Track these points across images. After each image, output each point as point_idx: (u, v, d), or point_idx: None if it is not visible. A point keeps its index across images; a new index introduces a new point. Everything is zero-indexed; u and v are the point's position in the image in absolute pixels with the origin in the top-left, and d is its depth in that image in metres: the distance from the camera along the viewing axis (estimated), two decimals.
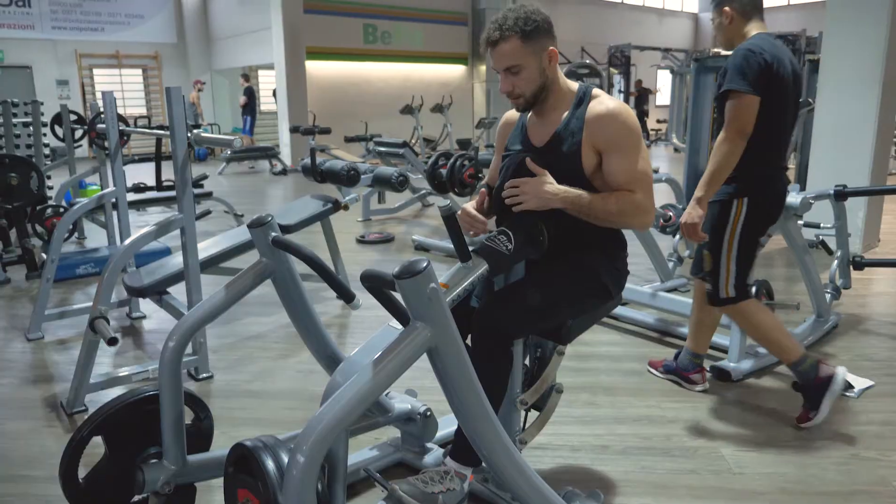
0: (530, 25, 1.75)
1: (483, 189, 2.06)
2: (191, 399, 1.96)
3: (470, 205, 1.96)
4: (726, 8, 2.55)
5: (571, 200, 1.73)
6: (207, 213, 5.94)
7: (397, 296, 1.42)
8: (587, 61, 13.78)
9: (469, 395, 1.41)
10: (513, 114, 2.05)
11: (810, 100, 6.07)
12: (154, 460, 1.81)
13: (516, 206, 1.74)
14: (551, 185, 1.73)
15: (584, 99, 1.84)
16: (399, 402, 2.12)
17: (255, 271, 1.91)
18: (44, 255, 3.74)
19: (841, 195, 3.51)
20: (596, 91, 1.87)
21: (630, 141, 1.78)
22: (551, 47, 1.80)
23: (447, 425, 2.33)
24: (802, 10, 19.64)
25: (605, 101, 1.82)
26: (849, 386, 2.84)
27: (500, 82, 1.83)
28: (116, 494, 1.84)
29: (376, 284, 1.40)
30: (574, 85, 1.89)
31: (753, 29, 2.54)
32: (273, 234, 1.88)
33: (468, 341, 1.91)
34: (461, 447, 1.72)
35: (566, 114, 1.84)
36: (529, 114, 1.95)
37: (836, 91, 5.14)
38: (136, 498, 1.86)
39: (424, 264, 1.30)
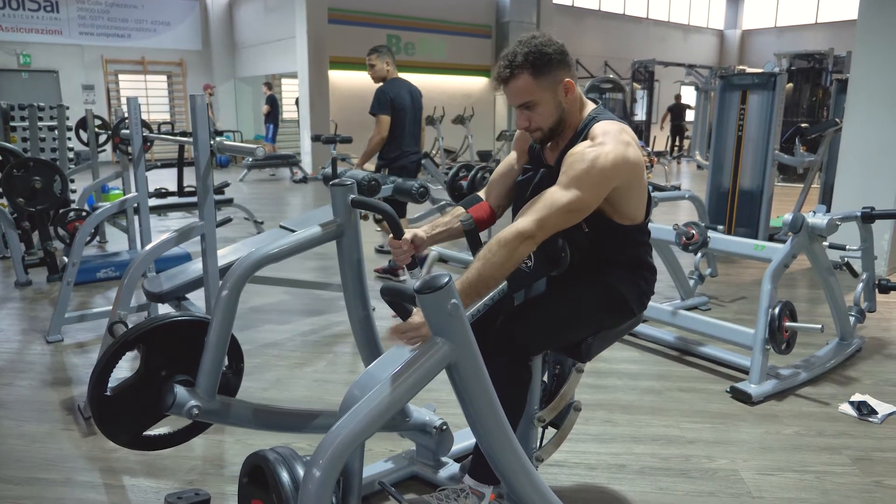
0: (542, 59, 1.66)
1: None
2: (233, 344, 1.93)
3: (412, 232, 1.85)
4: (388, 59, 4.53)
5: (461, 292, 1.50)
6: (228, 220, 5.97)
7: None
8: (610, 76, 13.76)
9: (487, 411, 1.39)
10: None
11: (837, 119, 6.00)
12: (187, 387, 1.81)
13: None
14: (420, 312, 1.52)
15: (585, 129, 1.73)
16: (415, 413, 2.10)
17: (327, 228, 1.90)
18: (65, 258, 3.77)
19: (868, 217, 3.45)
20: (596, 128, 1.70)
21: (574, 173, 1.62)
22: (567, 79, 1.72)
23: (463, 439, 2.31)
24: (830, 29, 19.49)
25: (590, 143, 1.67)
26: (872, 411, 2.79)
27: (516, 118, 1.76)
28: (137, 413, 1.83)
29: (397, 299, 1.39)
30: (590, 107, 1.80)
31: (393, 73, 4.54)
32: (352, 195, 1.88)
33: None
34: (480, 464, 1.70)
35: (570, 138, 1.77)
36: None
37: (863, 111, 5.08)
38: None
39: (446, 280, 1.29)
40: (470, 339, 1.35)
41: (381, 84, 4.50)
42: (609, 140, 1.65)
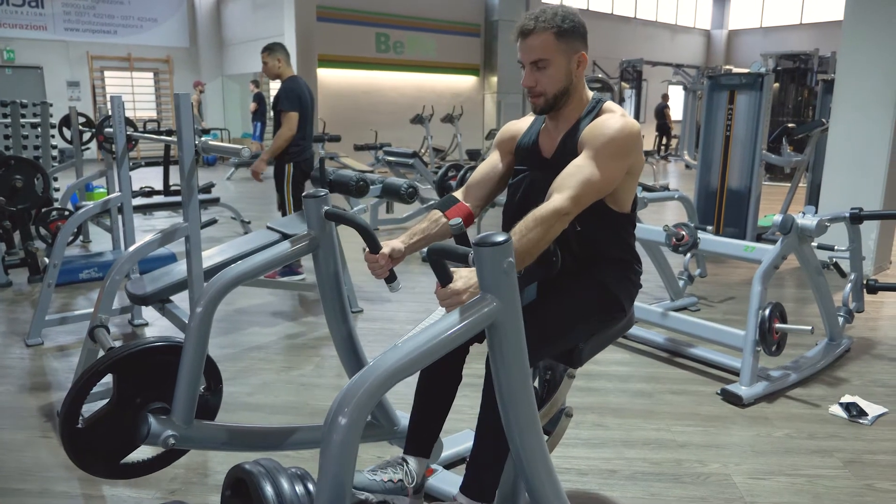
0: (567, 24, 1.70)
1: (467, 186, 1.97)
2: (209, 365, 1.89)
3: (393, 244, 1.81)
4: (280, 56, 4.58)
5: None
6: (213, 221, 5.90)
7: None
8: (599, 75, 13.77)
9: (518, 376, 1.35)
10: (517, 125, 1.98)
11: (823, 120, 6.02)
12: (162, 415, 1.76)
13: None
14: (463, 278, 1.49)
15: (594, 109, 1.78)
16: (404, 420, 2.06)
17: (301, 242, 1.87)
18: (47, 259, 3.70)
19: (856, 218, 3.45)
20: (609, 104, 1.78)
21: (599, 143, 1.65)
22: (583, 52, 1.75)
23: (453, 445, 2.28)
24: (815, 30, 19.62)
25: (611, 114, 1.73)
26: (862, 413, 2.78)
27: (525, 76, 1.75)
28: (113, 444, 1.78)
29: (446, 258, 1.37)
30: (590, 94, 1.83)
31: (289, 72, 4.64)
32: (326, 207, 1.86)
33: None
34: (475, 480, 1.65)
35: (574, 122, 1.78)
36: (543, 125, 1.90)
37: (850, 112, 5.09)
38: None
39: (505, 237, 1.27)
40: (517, 302, 1.32)
41: (284, 82, 4.60)
42: (626, 113, 1.73)
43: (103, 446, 1.76)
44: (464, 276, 1.43)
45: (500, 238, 1.27)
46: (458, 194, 1.93)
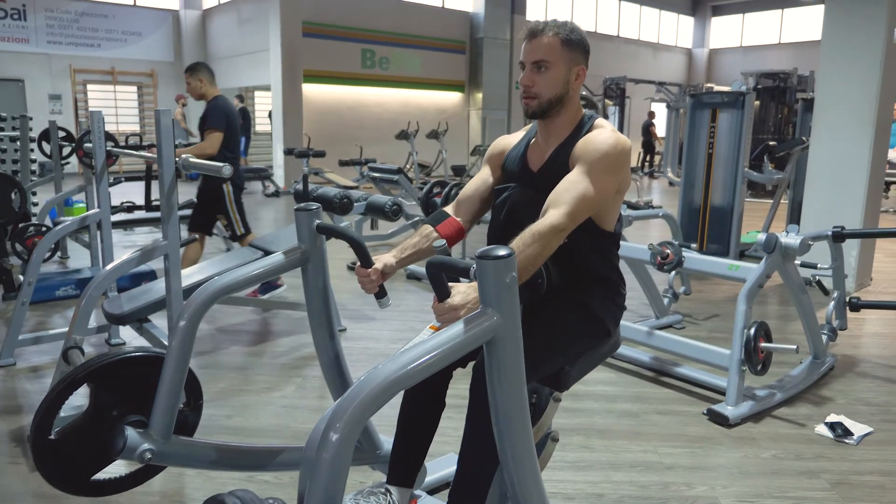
0: (574, 35, 1.78)
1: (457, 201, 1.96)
2: (191, 379, 1.84)
3: (387, 257, 1.80)
4: (202, 77, 4.41)
5: None
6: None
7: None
8: (583, 92, 13.91)
9: (516, 395, 1.32)
10: (507, 140, 1.98)
11: (804, 138, 6.09)
12: (140, 429, 1.70)
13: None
14: (461, 293, 1.46)
15: (585, 125, 1.80)
16: (387, 445, 2.02)
17: (290, 255, 1.84)
18: (22, 276, 3.62)
19: (839, 237, 3.47)
20: (599, 121, 1.81)
21: (593, 158, 1.67)
22: (583, 66, 1.80)
23: (437, 470, 2.24)
24: (794, 49, 19.96)
25: (602, 130, 1.76)
26: (847, 432, 2.77)
27: (523, 75, 1.78)
28: (85, 457, 1.71)
29: (445, 272, 1.34)
30: (583, 111, 1.85)
31: (213, 91, 4.45)
32: (318, 220, 1.84)
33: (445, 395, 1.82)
34: None
35: (566, 137, 1.80)
36: (533, 139, 1.88)
37: (829, 130, 5.14)
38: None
39: (508, 251, 1.26)
40: (517, 317, 1.30)
41: (210, 101, 4.42)
42: (616, 129, 1.77)
43: (76, 459, 1.70)
44: (462, 292, 1.42)
45: (504, 252, 1.25)
46: (449, 209, 1.92)
